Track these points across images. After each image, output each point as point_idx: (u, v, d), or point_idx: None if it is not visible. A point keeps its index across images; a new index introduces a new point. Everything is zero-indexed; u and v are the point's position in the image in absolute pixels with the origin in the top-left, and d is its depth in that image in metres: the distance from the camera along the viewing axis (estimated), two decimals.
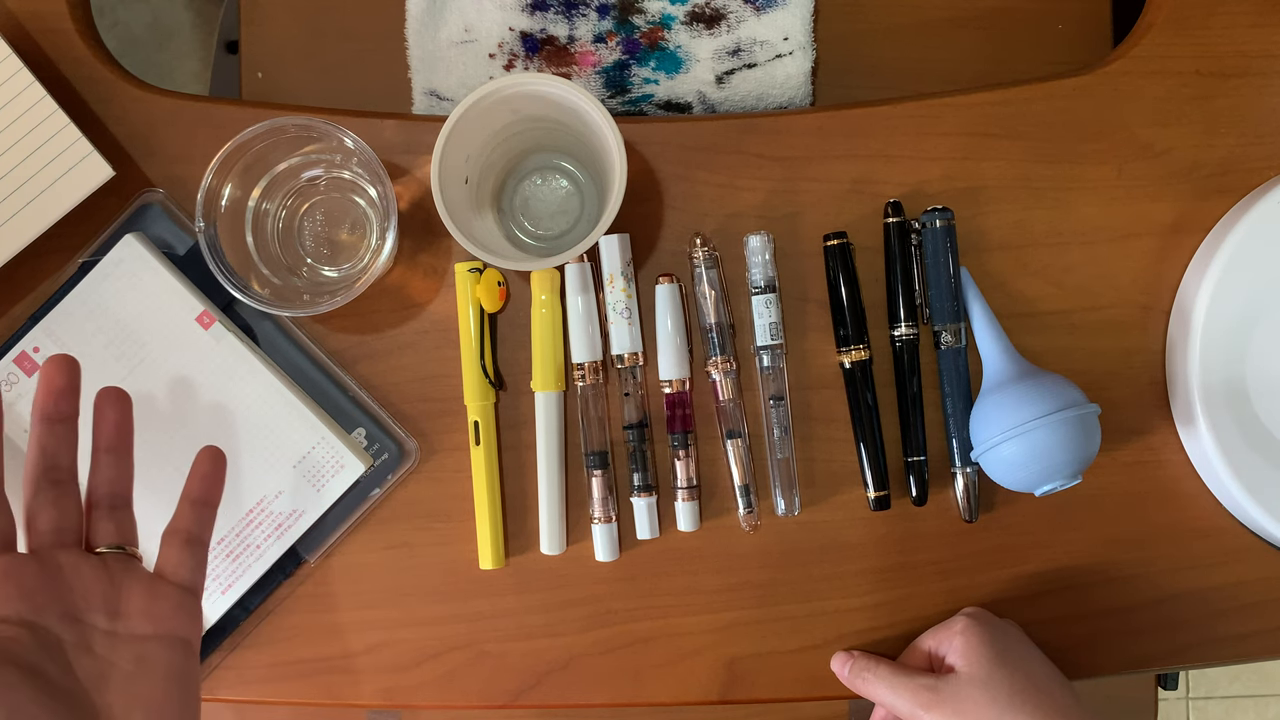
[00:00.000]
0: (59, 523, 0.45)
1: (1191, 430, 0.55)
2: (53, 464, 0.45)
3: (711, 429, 0.57)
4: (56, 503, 0.45)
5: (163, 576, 0.46)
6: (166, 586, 0.46)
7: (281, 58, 0.74)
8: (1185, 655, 0.57)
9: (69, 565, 0.44)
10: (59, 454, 0.45)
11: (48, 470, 0.45)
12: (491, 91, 0.50)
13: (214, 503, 0.49)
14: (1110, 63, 0.58)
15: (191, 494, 0.49)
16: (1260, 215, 0.54)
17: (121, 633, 0.43)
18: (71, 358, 0.46)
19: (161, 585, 0.46)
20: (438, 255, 0.57)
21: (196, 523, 0.48)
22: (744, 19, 0.70)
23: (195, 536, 0.48)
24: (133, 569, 0.45)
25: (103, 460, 0.47)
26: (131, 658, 0.43)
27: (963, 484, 0.56)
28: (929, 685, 0.51)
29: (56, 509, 0.45)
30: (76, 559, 0.44)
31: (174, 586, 0.46)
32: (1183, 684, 1.42)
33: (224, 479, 0.50)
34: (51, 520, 0.44)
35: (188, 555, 0.47)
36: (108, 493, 0.47)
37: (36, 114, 0.53)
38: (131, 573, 0.45)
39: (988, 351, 0.56)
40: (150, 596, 0.45)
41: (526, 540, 0.57)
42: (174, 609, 0.45)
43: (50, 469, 0.45)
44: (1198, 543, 0.57)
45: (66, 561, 0.44)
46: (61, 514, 0.45)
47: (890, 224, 0.56)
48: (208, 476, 0.49)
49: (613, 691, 0.57)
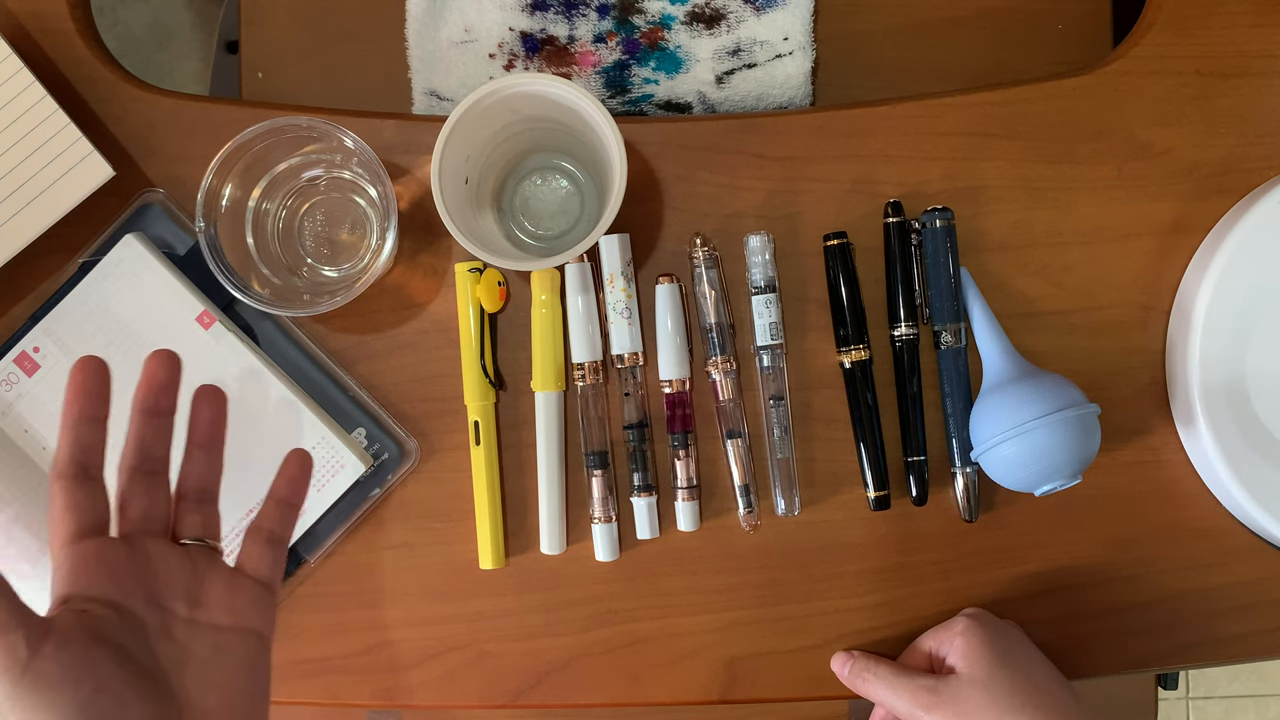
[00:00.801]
0: (149, 511, 0.46)
1: (1191, 430, 0.55)
2: (149, 455, 0.46)
3: (711, 429, 0.57)
4: (149, 492, 0.46)
5: (242, 571, 0.47)
6: (246, 581, 0.47)
7: (281, 58, 0.74)
8: (1185, 655, 0.57)
9: (156, 553, 0.45)
10: (155, 446, 0.47)
11: (144, 461, 0.46)
12: (491, 91, 0.50)
13: (298, 504, 0.50)
14: (1110, 63, 0.58)
15: (278, 494, 0.50)
16: (1260, 215, 0.54)
17: (201, 621, 0.45)
18: (174, 353, 0.47)
19: (241, 579, 0.47)
20: (438, 255, 0.57)
21: (280, 522, 0.49)
22: (744, 19, 0.70)
23: (277, 535, 0.49)
24: (214, 561, 0.47)
25: (195, 455, 0.48)
26: (209, 646, 0.44)
27: (963, 484, 0.56)
28: (929, 686, 0.51)
29: (148, 498, 0.46)
30: (163, 548, 0.45)
31: (253, 581, 0.47)
32: (1183, 684, 1.42)
33: (309, 481, 0.51)
34: (143, 509, 0.46)
35: (268, 552, 0.48)
36: (196, 486, 0.48)
37: (37, 114, 0.53)
38: (213, 565, 0.46)
39: (988, 351, 0.56)
40: (230, 589, 0.46)
41: (526, 540, 0.57)
42: (251, 603, 0.46)
43: (145, 459, 0.46)
44: (1198, 543, 0.57)
45: (154, 549, 0.45)
46: (152, 503, 0.46)
47: (890, 224, 0.56)
48: (294, 479, 0.50)
49: (613, 691, 0.57)
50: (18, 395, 0.56)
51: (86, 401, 0.44)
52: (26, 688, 0.38)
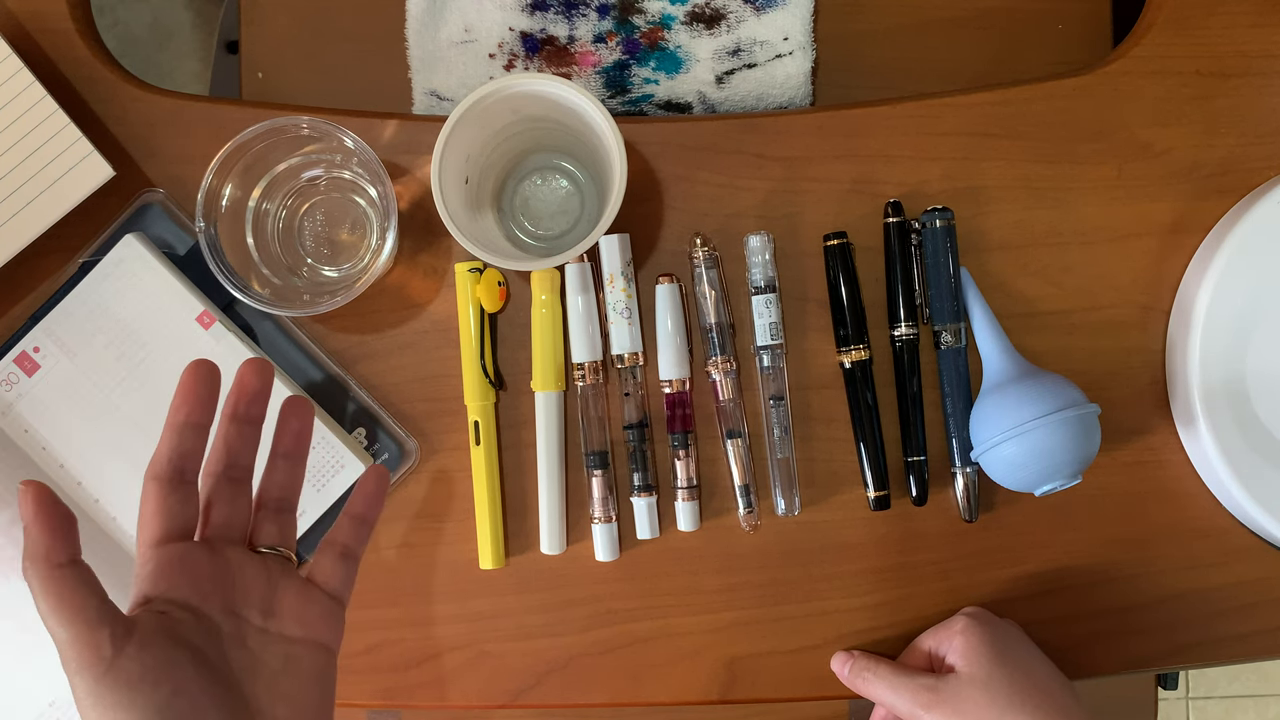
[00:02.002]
0: (231, 518, 0.46)
1: (1191, 430, 0.55)
2: (234, 462, 0.46)
3: (711, 429, 0.57)
4: (232, 500, 0.46)
5: (314, 583, 0.47)
6: (318, 593, 0.47)
7: (281, 58, 0.74)
8: (1185, 655, 0.57)
9: (235, 560, 0.45)
10: (242, 453, 0.47)
11: (230, 468, 0.46)
12: (491, 91, 0.50)
13: (373, 520, 0.50)
14: (1110, 63, 0.58)
15: (354, 509, 0.50)
16: (1260, 215, 0.54)
17: (273, 631, 0.45)
18: (268, 362, 0.47)
19: (313, 592, 0.47)
20: (438, 255, 0.57)
21: (354, 537, 0.49)
22: (744, 19, 0.70)
23: (350, 551, 0.49)
24: (289, 572, 0.47)
25: (279, 465, 0.48)
26: (280, 656, 0.44)
27: (963, 484, 0.56)
28: (929, 685, 0.51)
29: (231, 505, 0.46)
30: (241, 556, 0.46)
31: (324, 594, 0.47)
32: (1183, 684, 1.42)
33: (384, 498, 0.51)
34: (225, 515, 0.46)
35: (341, 567, 0.48)
36: (277, 496, 0.48)
37: (37, 114, 0.53)
38: (287, 575, 0.47)
39: (988, 351, 0.56)
40: (303, 601, 0.46)
41: (526, 540, 0.57)
42: (322, 615, 0.46)
43: (231, 466, 0.46)
44: (1198, 543, 0.57)
45: (234, 556, 0.45)
46: (235, 511, 0.46)
47: (890, 224, 0.56)
48: (371, 495, 0.50)
49: (612, 691, 0.57)
50: (18, 395, 0.56)
51: (195, 407, 0.45)
52: (109, 686, 0.38)
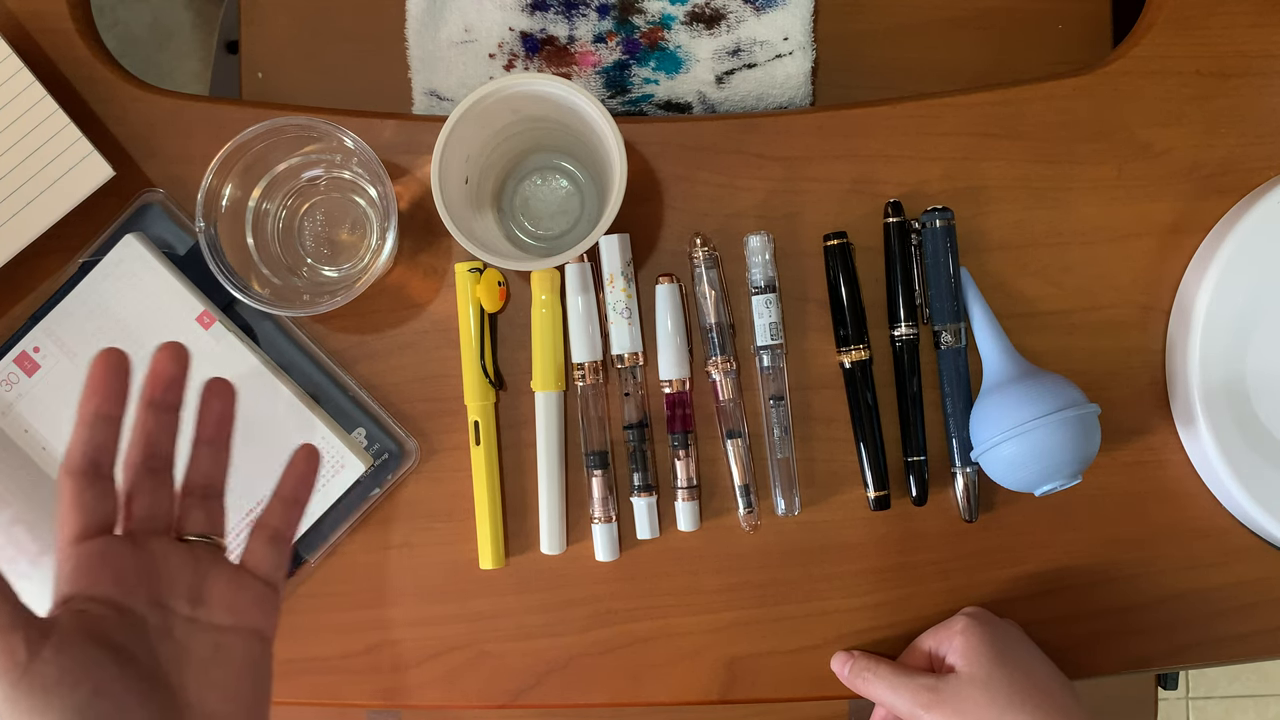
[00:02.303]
0: (154, 509, 0.46)
1: (1191, 430, 0.55)
2: (154, 451, 0.46)
3: (711, 429, 0.57)
4: (154, 490, 0.46)
5: (245, 569, 0.47)
6: (249, 579, 0.46)
7: (281, 58, 0.74)
8: (1185, 655, 0.57)
9: (159, 552, 0.45)
10: (161, 441, 0.46)
11: (149, 457, 0.46)
12: (491, 91, 0.50)
13: (303, 502, 0.50)
14: (1110, 63, 0.58)
15: (283, 491, 0.49)
16: (1260, 215, 0.54)
17: (202, 620, 0.44)
18: (183, 346, 0.46)
19: (244, 577, 0.46)
20: (438, 255, 0.57)
21: (284, 520, 0.49)
22: (744, 19, 0.70)
23: (281, 533, 0.48)
24: (218, 559, 0.46)
25: (202, 450, 0.48)
26: (210, 645, 0.44)
27: (963, 484, 0.56)
28: (929, 685, 0.51)
29: (153, 496, 0.46)
30: (166, 546, 0.45)
31: (256, 580, 0.47)
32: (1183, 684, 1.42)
33: (316, 479, 0.50)
34: (147, 506, 0.45)
35: (272, 551, 0.48)
36: (202, 483, 0.48)
37: (36, 114, 0.53)
38: (216, 562, 0.46)
39: (988, 351, 0.56)
40: (233, 588, 0.45)
41: (526, 540, 0.57)
42: (254, 601, 0.46)
43: (151, 456, 0.46)
44: (1198, 543, 0.57)
45: (157, 547, 0.45)
46: (157, 501, 0.46)
47: (890, 224, 0.56)
48: (301, 476, 0.50)
49: (612, 691, 0.57)
50: (18, 395, 0.56)
51: (105, 398, 0.44)
52: (25, 690, 0.38)
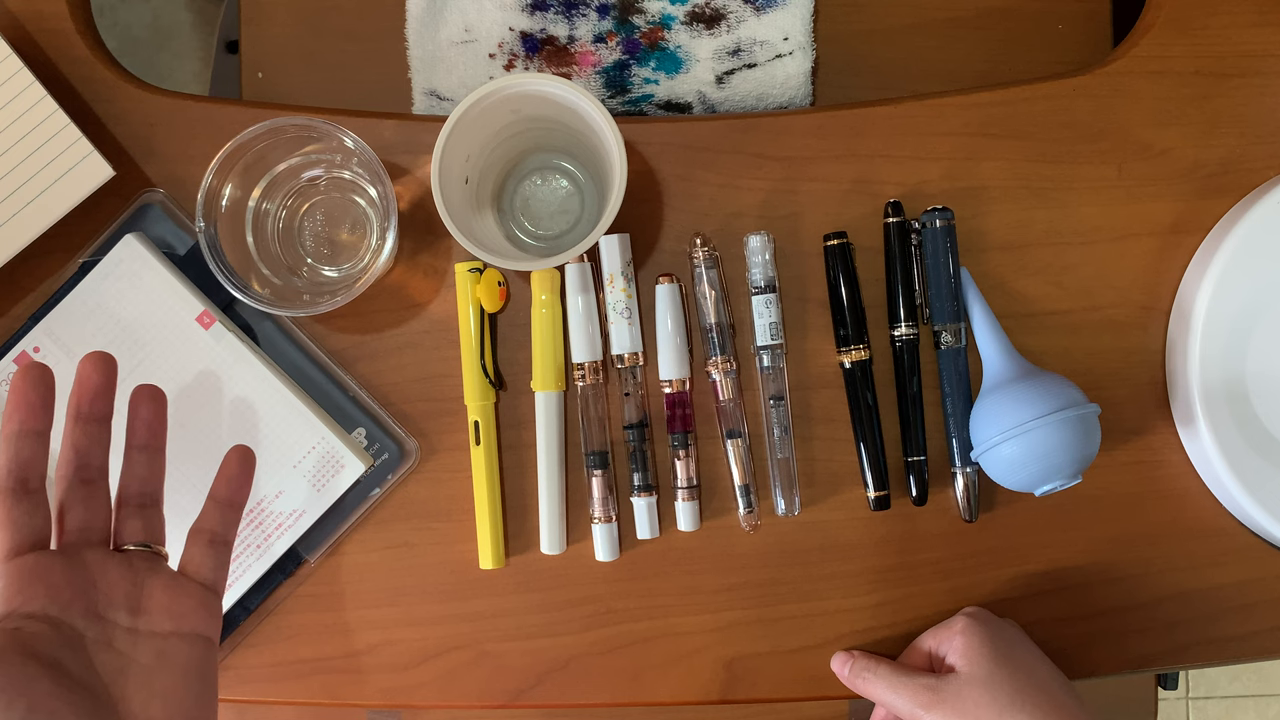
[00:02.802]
0: (87, 521, 0.45)
1: (1191, 430, 0.55)
2: (84, 463, 0.46)
3: (711, 429, 0.57)
4: (86, 501, 0.45)
5: (185, 574, 0.47)
6: (189, 585, 0.46)
7: (281, 58, 0.74)
8: (1185, 655, 0.57)
9: (95, 563, 0.44)
10: (91, 453, 0.46)
11: (79, 469, 0.45)
12: (491, 91, 0.50)
13: (239, 504, 0.50)
14: (1110, 63, 0.58)
15: (218, 494, 0.49)
16: (1260, 215, 0.54)
17: (143, 629, 0.44)
18: (109, 355, 0.46)
19: (184, 583, 0.46)
20: (438, 255, 0.57)
21: (221, 523, 0.49)
22: (744, 19, 0.70)
23: (219, 536, 0.48)
24: (157, 567, 0.46)
25: (135, 458, 0.48)
26: (152, 653, 0.44)
27: (963, 484, 0.56)
28: (929, 685, 0.51)
29: (85, 508, 0.45)
30: (103, 557, 0.45)
31: (196, 585, 0.47)
32: (1183, 684, 1.42)
33: (251, 479, 0.50)
34: (80, 519, 0.45)
35: (210, 555, 0.48)
36: (138, 491, 0.47)
37: (37, 114, 0.53)
38: (155, 571, 0.46)
39: (988, 351, 0.56)
40: (172, 594, 0.45)
41: (526, 540, 0.57)
42: (195, 607, 0.46)
43: (82, 468, 0.45)
44: (1198, 543, 0.57)
45: (93, 559, 0.45)
46: (90, 513, 0.46)
47: (890, 224, 0.56)
48: (234, 478, 0.50)
49: (613, 691, 0.57)
50: None
51: (28, 414, 0.43)
52: None
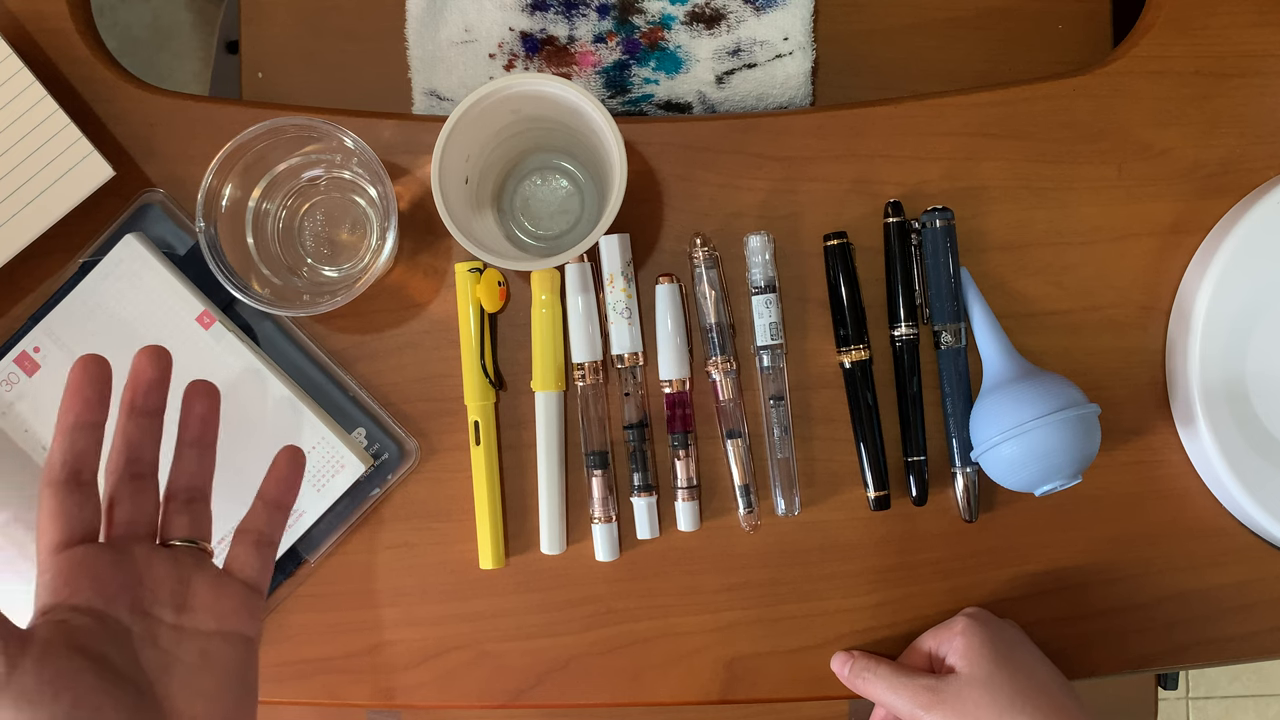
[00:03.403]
0: (135, 515, 0.45)
1: (1191, 430, 0.55)
2: (136, 456, 0.45)
3: (711, 429, 0.57)
4: (135, 496, 0.45)
5: (230, 573, 0.47)
6: (233, 584, 0.46)
7: (281, 58, 0.74)
8: (1185, 655, 0.57)
9: (142, 558, 0.44)
10: (143, 447, 0.46)
11: (130, 463, 0.45)
12: (491, 91, 0.50)
13: (288, 505, 0.49)
14: (1110, 63, 0.58)
15: (266, 495, 0.49)
16: (1260, 215, 0.54)
17: (187, 627, 0.44)
18: (164, 350, 0.46)
19: (228, 582, 0.46)
20: (438, 255, 0.57)
21: (268, 523, 0.48)
22: (744, 19, 0.70)
23: (266, 537, 0.48)
24: (203, 564, 0.46)
25: (186, 453, 0.47)
26: (195, 651, 0.44)
27: (963, 484, 0.56)
28: (930, 686, 0.51)
29: (134, 502, 0.45)
30: (149, 552, 0.45)
31: (240, 584, 0.46)
32: (1183, 684, 1.42)
33: (300, 480, 0.50)
34: (129, 513, 0.45)
35: (255, 555, 0.47)
36: (186, 485, 0.47)
37: (37, 114, 0.53)
38: (201, 568, 0.46)
39: (988, 351, 0.56)
40: (217, 593, 0.45)
41: (526, 540, 0.57)
42: (238, 606, 0.46)
43: (133, 461, 0.45)
44: (1198, 543, 0.57)
45: (140, 554, 0.44)
46: (138, 507, 0.45)
47: (890, 224, 0.56)
48: (284, 480, 0.49)
49: (613, 691, 0.57)
50: (18, 395, 0.56)
51: (84, 407, 0.43)
52: (5, 702, 0.37)
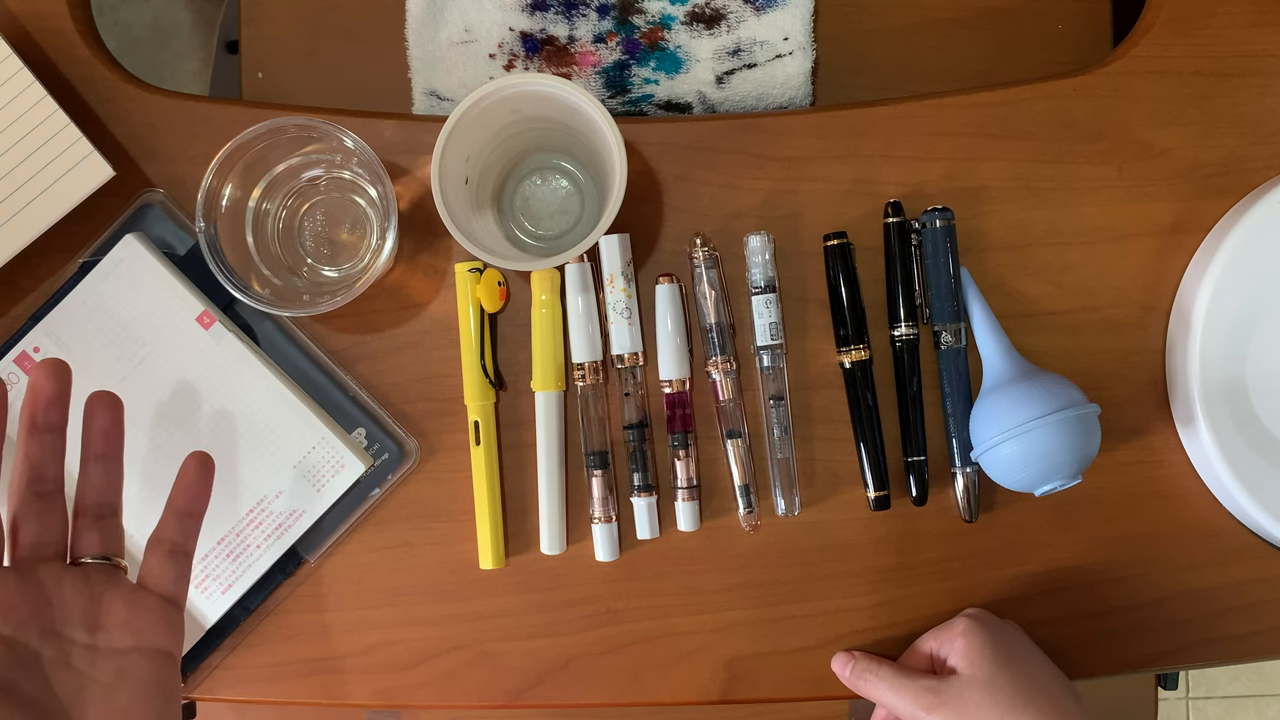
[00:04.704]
0: (42, 536, 0.44)
1: (1191, 430, 0.55)
2: (38, 475, 0.44)
3: (711, 429, 0.57)
4: (40, 515, 0.44)
5: (145, 587, 0.45)
6: (149, 597, 0.45)
7: (281, 58, 0.74)
8: (1186, 655, 0.57)
9: (50, 579, 0.43)
10: (45, 464, 0.44)
11: (33, 481, 0.44)
12: (491, 91, 0.50)
13: (198, 512, 0.48)
14: (1110, 63, 0.58)
15: (175, 503, 0.48)
16: (1260, 215, 0.54)
17: (101, 646, 0.43)
18: (63, 363, 0.45)
19: (143, 596, 0.45)
20: (438, 255, 0.57)
21: (180, 532, 0.47)
22: (744, 19, 0.70)
23: (179, 546, 0.47)
24: (115, 580, 0.45)
25: (91, 469, 0.46)
26: (111, 670, 0.42)
27: (963, 484, 0.56)
28: (931, 687, 0.51)
29: (40, 522, 0.44)
30: (58, 572, 0.43)
31: (156, 597, 0.45)
32: (1183, 684, 1.42)
33: (210, 486, 0.48)
34: (34, 533, 0.44)
35: (170, 566, 0.46)
36: (95, 501, 0.46)
37: (37, 114, 0.53)
38: (114, 584, 0.44)
39: (988, 351, 0.56)
40: (131, 608, 0.44)
41: (526, 540, 0.57)
42: (155, 621, 0.44)
43: (35, 480, 0.44)
44: (1198, 543, 0.57)
45: (48, 575, 0.43)
46: (45, 527, 0.44)
47: (890, 224, 0.56)
48: (192, 485, 0.48)
49: (613, 691, 0.57)
50: (18, 395, 0.55)
51: None
52: None
